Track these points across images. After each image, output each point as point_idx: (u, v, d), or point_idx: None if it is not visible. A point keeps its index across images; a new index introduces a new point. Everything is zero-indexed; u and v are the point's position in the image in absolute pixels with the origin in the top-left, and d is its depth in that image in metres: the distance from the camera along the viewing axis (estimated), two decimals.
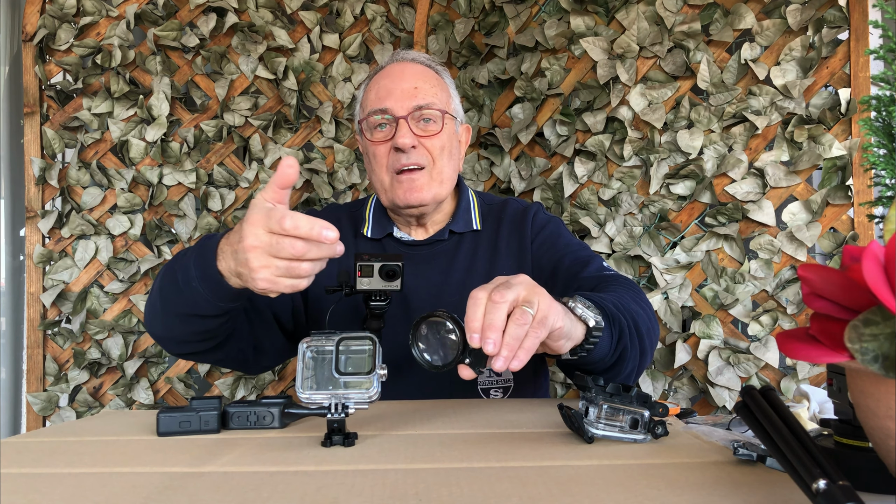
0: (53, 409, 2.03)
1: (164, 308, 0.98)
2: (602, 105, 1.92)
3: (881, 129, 0.65)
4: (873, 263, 0.40)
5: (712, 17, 1.85)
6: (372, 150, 1.20)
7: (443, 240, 1.26)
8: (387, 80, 1.20)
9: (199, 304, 0.91)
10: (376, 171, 1.21)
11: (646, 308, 1.04)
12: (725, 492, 0.54)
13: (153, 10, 2.04)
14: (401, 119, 1.16)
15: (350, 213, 1.33)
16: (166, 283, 0.96)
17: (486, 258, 1.24)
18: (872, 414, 0.44)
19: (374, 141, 1.19)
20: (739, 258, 1.83)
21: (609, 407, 0.71)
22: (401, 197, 1.18)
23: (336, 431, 0.73)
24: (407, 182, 1.17)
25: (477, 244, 1.26)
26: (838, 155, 1.76)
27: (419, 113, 1.17)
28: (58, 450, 0.75)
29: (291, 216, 0.74)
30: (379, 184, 1.21)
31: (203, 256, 0.88)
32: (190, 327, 0.97)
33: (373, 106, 1.19)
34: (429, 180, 1.18)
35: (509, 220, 1.28)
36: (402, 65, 1.23)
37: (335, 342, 0.73)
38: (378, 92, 1.20)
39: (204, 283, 0.88)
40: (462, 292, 1.20)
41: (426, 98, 1.18)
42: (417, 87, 1.19)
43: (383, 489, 0.56)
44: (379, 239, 1.27)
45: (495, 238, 1.26)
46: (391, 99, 1.17)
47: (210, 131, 2.04)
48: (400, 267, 0.89)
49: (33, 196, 2.04)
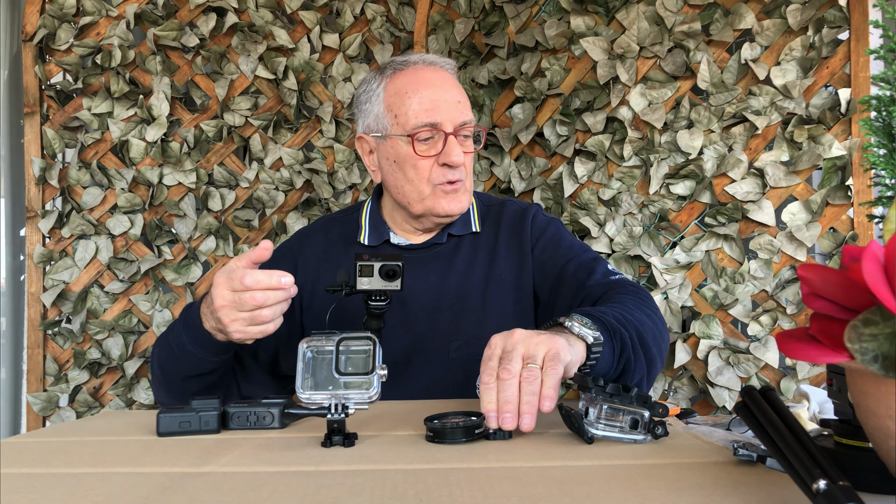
0: (53, 409, 2.03)
1: (166, 376, 1.10)
2: (602, 105, 1.92)
3: (881, 129, 0.65)
4: (873, 263, 0.40)
5: (712, 17, 1.85)
6: (413, 161, 1.16)
7: (440, 243, 1.25)
8: (431, 91, 1.16)
9: (196, 363, 1.04)
10: (414, 182, 1.18)
11: (652, 315, 1.04)
12: (725, 492, 0.54)
13: (153, 10, 2.04)
14: (450, 135, 1.15)
15: (341, 222, 1.32)
16: (164, 354, 1.10)
17: (486, 261, 1.24)
18: (872, 414, 0.44)
19: (420, 155, 1.16)
20: (739, 258, 1.83)
21: (609, 407, 0.71)
22: (445, 208, 1.17)
23: (336, 432, 0.73)
24: (452, 194, 1.18)
25: (476, 246, 1.26)
26: (838, 155, 1.76)
27: (462, 129, 1.17)
28: (58, 450, 0.75)
29: (250, 274, 0.90)
30: (415, 193, 1.18)
31: (190, 323, 1.01)
32: (192, 387, 1.08)
33: (419, 118, 1.15)
34: (465, 191, 1.20)
35: (508, 223, 1.28)
36: (438, 71, 1.20)
37: (335, 342, 0.73)
38: (423, 102, 1.15)
39: (196, 345, 1.01)
40: (460, 295, 1.21)
41: (468, 114, 1.18)
42: (460, 100, 1.18)
43: (383, 489, 0.56)
44: (376, 246, 1.26)
45: (494, 241, 1.26)
46: (440, 113, 1.15)
47: (210, 131, 2.04)
48: (400, 267, 0.89)
49: (33, 196, 2.04)
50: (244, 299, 0.90)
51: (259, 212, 2.03)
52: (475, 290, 1.21)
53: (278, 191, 2.03)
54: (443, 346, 1.17)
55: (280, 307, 0.94)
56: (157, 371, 1.13)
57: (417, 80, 1.18)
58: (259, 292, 0.90)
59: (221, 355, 1.04)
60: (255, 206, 2.04)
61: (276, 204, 2.03)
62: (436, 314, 1.19)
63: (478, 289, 1.21)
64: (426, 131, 1.15)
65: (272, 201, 2.03)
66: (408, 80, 1.18)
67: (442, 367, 1.16)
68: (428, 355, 1.17)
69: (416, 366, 1.17)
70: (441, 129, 1.15)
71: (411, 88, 1.17)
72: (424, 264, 1.23)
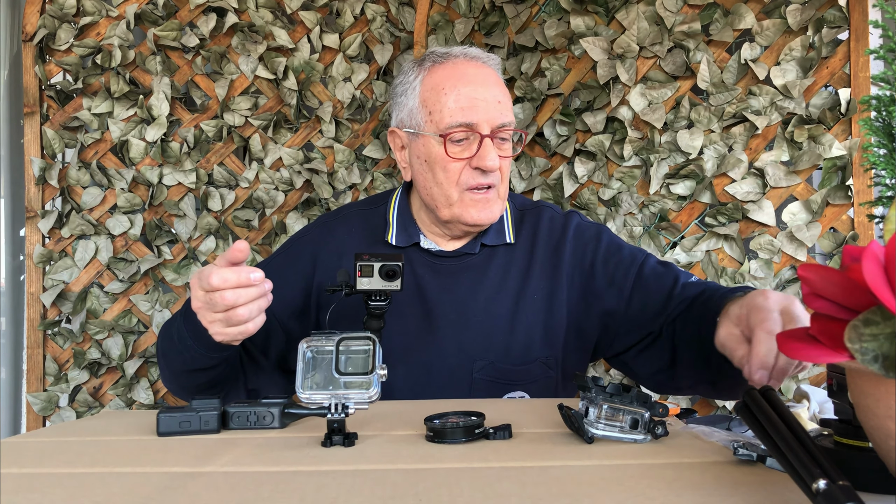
0: (53, 409, 2.03)
1: (170, 368, 1.08)
2: (602, 105, 1.92)
3: (881, 129, 0.65)
4: (873, 263, 0.40)
5: (712, 17, 1.85)
6: (444, 163, 1.09)
7: (473, 253, 1.18)
8: (469, 88, 1.09)
9: (197, 359, 1.01)
10: (443, 185, 1.11)
11: None
12: (725, 492, 0.54)
13: (153, 10, 2.04)
14: (486, 138, 1.08)
15: (365, 215, 1.25)
16: (166, 345, 1.07)
17: (518, 278, 1.17)
18: (872, 414, 0.44)
19: (452, 157, 1.09)
20: (739, 258, 1.83)
21: (609, 407, 0.71)
22: (473, 216, 1.11)
23: (336, 431, 0.73)
24: (482, 202, 1.11)
25: (510, 260, 1.18)
26: (838, 155, 1.76)
27: (500, 131, 1.10)
28: (58, 450, 0.75)
29: (217, 272, 0.85)
30: (443, 197, 1.12)
31: (189, 318, 0.97)
32: (197, 380, 1.07)
33: (455, 118, 1.08)
34: (496, 199, 1.13)
35: (545, 236, 1.20)
36: (478, 66, 1.12)
37: (335, 342, 0.73)
38: (459, 100, 1.08)
39: (196, 341, 0.98)
40: (489, 311, 1.14)
41: (508, 115, 1.11)
42: (500, 100, 1.10)
43: (383, 489, 0.56)
44: (404, 247, 1.18)
45: (530, 255, 1.18)
46: (477, 112, 1.07)
47: (210, 131, 2.04)
48: (400, 267, 0.89)
49: (33, 196, 2.04)
50: (215, 300, 0.87)
51: (259, 212, 2.03)
52: (504, 309, 1.14)
53: (278, 191, 2.03)
54: (466, 365, 1.12)
55: (256, 305, 0.89)
56: (163, 361, 1.10)
57: (456, 76, 1.10)
58: (229, 291, 0.86)
59: (221, 352, 1.00)
60: (255, 206, 2.04)
61: (276, 204, 2.03)
62: (462, 330, 1.14)
63: (507, 308, 1.14)
64: (461, 131, 1.08)
65: (272, 201, 2.03)
66: (446, 75, 1.11)
67: (465, 387, 1.12)
68: (451, 373, 1.13)
69: (437, 383, 1.13)
70: (477, 129, 1.08)
71: (448, 84, 1.09)
72: (454, 275, 1.17)
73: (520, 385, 1.15)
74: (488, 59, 1.15)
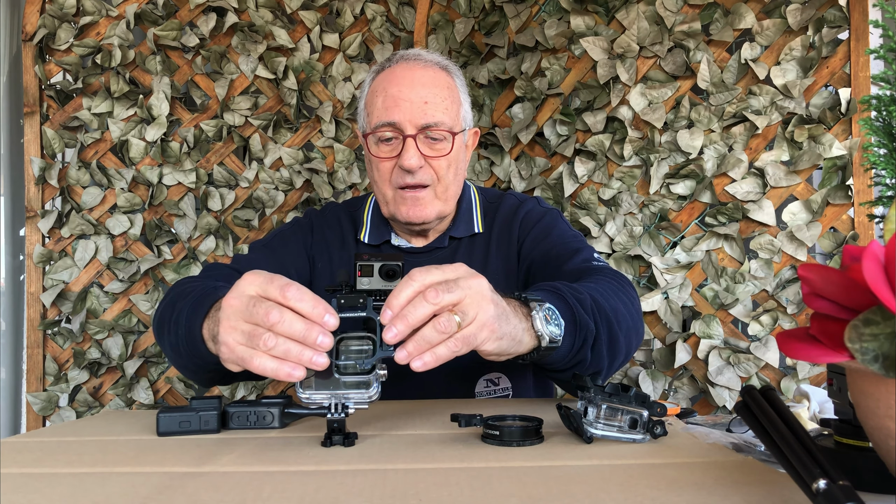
0: (53, 409, 2.03)
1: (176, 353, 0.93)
2: (602, 105, 1.92)
3: (881, 129, 0.65)
4: (873, 263, 0.40)
5: (712, 16, 1.85)
6: (376, 162, 1.14)
7: (442, 247, 1.22)
8: (395, 88, 1.11)
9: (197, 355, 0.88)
10: (378, 184, 1.16)
11: (628, 304, 0.96)
12: (725, 492, 0.54)
13: (153, 10, 2.04)
14: (408, 138, 1.09)
15: (349, 213, 1.29)
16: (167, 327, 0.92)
17: (480, 262, 1.20)
18: (872, 414, 0.44)
19: (379, 157, 1.12)
20: (739, 258, 1.83)
21: (608, 407, 0.71)
22: (403, 214, 1.14)
23: (336, 431, 0.73)
24: (411, 200, 1.12)
25: (472, 248, 1.22)
26: (838, 155, 1.76)
27: (428, 131, 1.11)
28: (58, 450, 0.75)
29: (298, 287, 0.68)
30: (381, 195, 1.16)
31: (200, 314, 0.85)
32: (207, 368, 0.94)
33: (380, 117, 1.11)
34: (433, 198, 1.14)
35: (501, 220, 1.24)
36: (412, 68, 1.13)
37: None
38: (385, 100, 1.11)
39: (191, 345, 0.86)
40: None
41: (435, 115, 1.10)
42: (427, 100, 1.10)
43: (383, 489, 0.56)
44: (377, 245, 1.23)
45: (488, 240, 1.22)
46: (399, 112, 1.09)
47: (210, 131, 2.04)
48: (400, 267, 0.89)
49: (33, 196, 2.04)
50: (261, 308, 0.67)
51: (259, 212, 2.03)
52: None
53: (278, 191, 2.03)
54: None
55: (286, 348, 0.66)
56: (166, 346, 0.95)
57: (389, 78, 1.13)
58: (289, 313, 0.66)
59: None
60: (255, 206, 2.04)
61: (276, 204, 2.03)
62: None
63: None
64: (387, 130, 1.11)
65: (272, 201, 2.03)
66: (384, 77, 1.14)
67: (442, 375, 1.10)
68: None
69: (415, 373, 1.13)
70: (399, 128, 1.10)
71: (381, 86, 1.13)
72: None
73: (495, 367, 1.16)
74: (428, 56, 1.16)
